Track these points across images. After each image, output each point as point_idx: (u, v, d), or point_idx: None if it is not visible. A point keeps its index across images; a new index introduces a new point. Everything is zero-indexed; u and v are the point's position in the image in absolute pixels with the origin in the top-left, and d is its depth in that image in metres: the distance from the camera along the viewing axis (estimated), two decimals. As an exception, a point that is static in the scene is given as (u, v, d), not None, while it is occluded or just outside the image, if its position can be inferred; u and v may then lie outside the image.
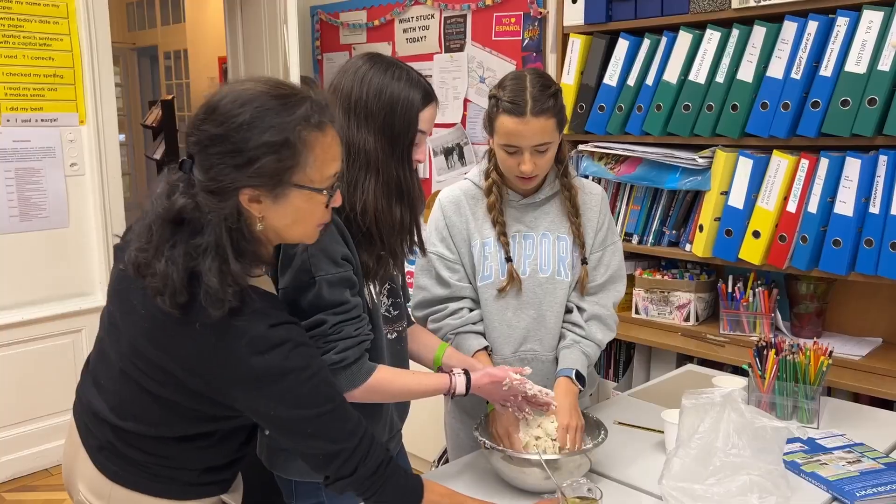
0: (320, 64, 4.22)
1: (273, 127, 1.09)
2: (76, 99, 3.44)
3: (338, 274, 1.33)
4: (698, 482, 1.35)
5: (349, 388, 1.35)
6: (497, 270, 1.71)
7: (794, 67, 2.08)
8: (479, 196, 1.74)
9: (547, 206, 1.74)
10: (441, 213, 1.75)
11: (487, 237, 1.72)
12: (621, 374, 2.64)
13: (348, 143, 1.35)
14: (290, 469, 1.45)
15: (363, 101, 1.36)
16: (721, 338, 2.34)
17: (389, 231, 1.40)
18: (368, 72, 1.37)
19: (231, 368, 1.13)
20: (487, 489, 1.48)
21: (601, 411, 1.84)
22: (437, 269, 1.73)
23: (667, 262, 2.61)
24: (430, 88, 1.41)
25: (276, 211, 1.15)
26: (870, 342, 2.23)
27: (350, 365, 1.34)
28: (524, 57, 3.08)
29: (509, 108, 1.56)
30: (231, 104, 1.10)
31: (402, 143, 1.38)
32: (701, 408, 1.41)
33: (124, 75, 7.88)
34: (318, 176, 1.15)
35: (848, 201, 1.99)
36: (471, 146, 3.33)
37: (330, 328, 1.32)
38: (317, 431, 1.18)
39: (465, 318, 1.71)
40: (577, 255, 1.73)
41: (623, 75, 2.46)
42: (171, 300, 1.10)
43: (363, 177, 1.36)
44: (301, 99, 1.13)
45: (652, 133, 2.38)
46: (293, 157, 1.11)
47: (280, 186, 1.12)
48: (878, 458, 1.55)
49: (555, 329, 1.74)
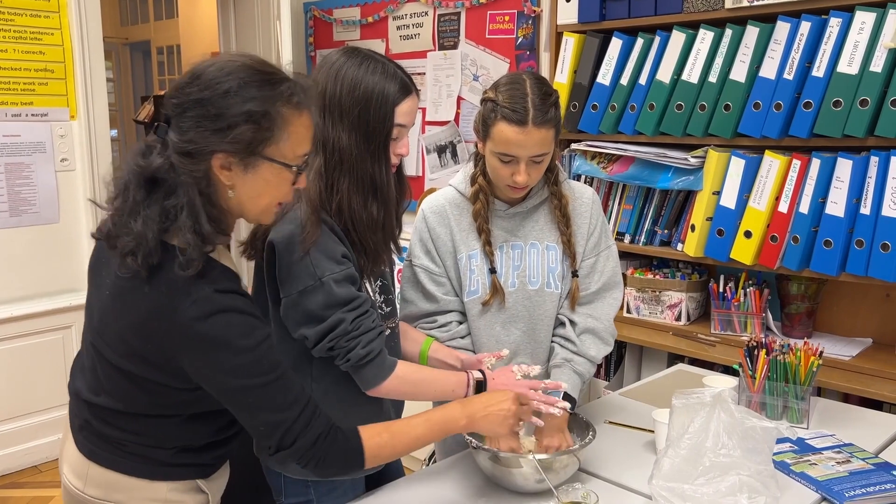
0: (313, 60, 4.20)
1: (255, 98, 1.12)
2: (67, 94, 3.42)
3: (342, 271, 1.34)
4: (688, 482, 1.35)
5: (379, 381, 1.36)
6: (484, 284, 1.65)
7: (786, 68, 2.08)
8: (464, 205, 1.66)
9: (536, 215, 1.67)
10: (425, 225, 1.67)
11: (473, 249, 1.65)
12: (612, 373, 2.64)
13: (324, 142, 1.35)
14: (291, 469, 1.44)
15: (337, 97, 1.35)
16: (712, 337, 2.35)
17: (365, 230, 1.38)
18: (343, 66, 1.36)
19: (178, 331, 1.14)
20: (474, 489, 1.48)
21: (592, 410, 1.84)
22: (423, 283, 1.66)
23: (658, 262, 2.61)
24: (407, 80, 1.39)
25: (244, 181, 1.16)
26: (860, 343, 2.24)
27: (377, 357, 1.35)
28: (518, 55, 3.08)
29: (510, 115, 1.47)
30: (217, 72, 1.13)
31: (378, 138, 1.36)
32: (691, 408, 1.40)
33: (117, 70, 7.84)
34: (291, 153, 1.18)
35: (839, 202, 1.99)
36: (464, 144, 3.33)
37: (350, 324, 1.33)
38: (258, 401, 1.18)
39: (454, 331, 1.66)
40: (567, 265, 1.67)
41: (616, 74, 2.45)
42: (144, 259, 1.12)
43: (338, 176, 1.36)
44: (284, 78, 1.17)
45: (644, 132, 2.38)
46: (270, 130, 1.14)
47: (252, 157, 1.15)
48: (868, 459, 1.55)
49: (545, 342, 1.69)
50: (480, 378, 1.46)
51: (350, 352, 1.33)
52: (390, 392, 1.38)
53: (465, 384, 1.44)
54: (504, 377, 1.49)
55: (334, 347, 1.34)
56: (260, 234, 1.40)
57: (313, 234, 1.32)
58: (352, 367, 1.35)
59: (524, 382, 1.48)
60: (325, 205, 1.35)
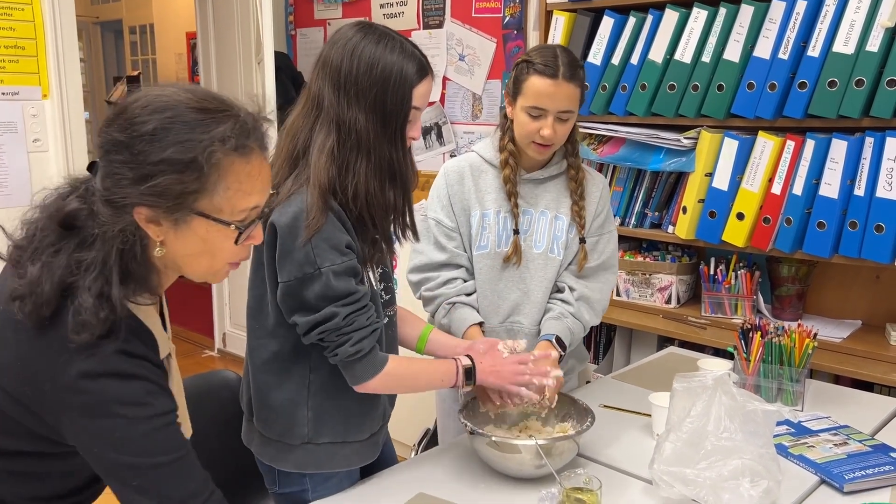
0: (294, 39, 4.12)
1: (181, 143, 0.97)
2: (39, 72, 3.30)
3: (343, 263, 1.28)
4: (689, 466, 1.33)
5: (367, 378, 1.32)
6: (493, 241, 1.73)
7: (781, 47, 2.06)
8: (485, 168, 1.75)
9: (549, 185, 1.75)
10: (444, 182, 1.76)
11: (487, 209, 1.73)
12: (602, 357, 2.62)
13: (339, 122, 1.29)
14: (283, 461, 1.39)
15: (353, 77, 1.28)
16: (703, 320, 2.33)
17: (382, 215, 1.34)
18: (360, 43, 1.29)
19: (63, 385, 0.98)
20: (472, 475, 1.45)
21: (586, 394, 1.82)
22: (436, 235, 1.74)
23: (648, 245, 2.60)
24: (425, 61, 1.33)
25: (177, 238, 1.02)
26: (849, 325, 2.24)
27: (366, 355, 1.31)
28: (505, 35, 3.03)
29: (542, 69, 1.59)
30: (141, 109, 0.98)
31: (395, 121, 1.31)
32: (692, 391, 1.38)
33: (88, 50, 7.64)
34: (228, 207, 1.01)
35: (833, 183, 1.98)
36: (449, 125, 3.28)
37: (343, 320, 1.28)
38: (145, 485, 1.01)
39: (459, 288, 1.73)
40: (572, 235, 1.75)
41: (607, 54, 2.42)
42: (34, 310, 0.97)
43: (354, 159, 1.29)
44: (226, 116, 1.01)
45: (636, 113, 2.35)
46: (199, 181, 0.98)
47: (180, 211, 0.99)
48: (865, 441, 1.54)
49: (540, 304, 1.76)
50: (469, 364, 1.42)
51: (339, 347, 1.29)
52: (378, 388, 1.34)
53: (454, 372, 1.40)
54: (492, 359, 1.45)
55: (324, 339, 1.30)
56: (262, 214, 1.34)
57: (318, 220, 1.26)
58: (340, 362, 1.32)
59: (512, 358, 1.46)
60: (336, 188, 1.29)
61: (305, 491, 1.40)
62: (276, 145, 1.38)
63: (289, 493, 1.41)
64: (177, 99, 1.00)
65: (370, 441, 1.44)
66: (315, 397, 1.37)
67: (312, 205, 1.26)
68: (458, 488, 1.40)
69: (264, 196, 1.07)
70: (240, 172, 1.01)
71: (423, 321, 1.60)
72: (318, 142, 1.30)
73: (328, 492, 1.39)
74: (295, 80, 3.90)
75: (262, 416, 1.40)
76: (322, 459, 1.38)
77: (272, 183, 1.34)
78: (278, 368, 1.37)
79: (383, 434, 1.51)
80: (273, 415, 1.38)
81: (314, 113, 1.32)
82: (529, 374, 1.43)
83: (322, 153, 1.29)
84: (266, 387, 1.38)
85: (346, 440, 1.39)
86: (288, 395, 1.37)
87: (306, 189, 1.28)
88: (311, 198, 1.27)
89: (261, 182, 1.06)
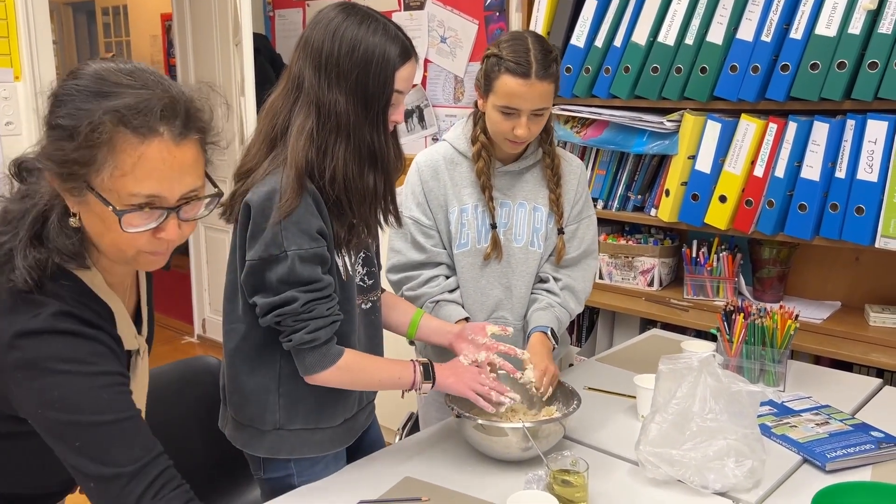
0: (272, 21, 4.06)
1: (74, 110, 0.93)
2: (10, 53, 3.22)
3: (311, 249, 1.26)
4: (675, 447, 1.34)
5: (319, 370, 1.30)
6: (474, 238, 1.69)
7: (764, 30, 2.06)
8: (459, 160, 1.70)
9: (526, 175, 1.72)
10: (418, 178, 1.70)
11: (466, 203, 1.69)
12: (584, 339, 2.63)
13: (319, 104, 1.27)
14: (255, 446, 1.39)
15: (335, 58, 1.26)
16: (685, 302, 2.35)
17: (360, 200, 1.31)
18: (342, 24, 1.27)
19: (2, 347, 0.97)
20: (459, 458, 1.44)
21: (570, 377, 1.82)
22: (413, 234, 1.69)
23: (631, 228, 2.60)
24: (408, 43, 1.31)
25: (83, 212, 0.99)
26: (829, 306, 2.27)
27: (321, 345, 1.29)
28: (487, 16, 3.00)
29: (514, 68, 1.52)
30: (67, 76, 0.97)
31: (377, 104, 1.28)
32: (678, 372, 1.39)
33: (59, 32, 7.48)
34: (116, 189, 0.94)
35: (815, 166, 1.99)
36: (431, 108, 3.25)
37: (301, 306, 1.26)
38: (86, 445, 0.97)
39: (442, 285, 1.70)
40: (551, 226, 1.72)
41: (591, 36, 2.40)
42: None
43: (333, 141, 1.27)
44: (132, 92, 0.94)
45: (619, 96, 2.34)
46: (81, 152, 0.93)
47: (73, 182, 0.95)
48: (846, 420, 1.56)
49: (524, 299, 1.74)
50: (426, 362, 1.40)
51: (294, 332, 1.27)
52: (329, 381, 1.32)
53: (411, 371, 1.38)
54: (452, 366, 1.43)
55: (280, 323, 1.28)
56: (238, 194, 1.32)
57: (292, 202, 1.24)
58: (293, 348, 1.29)
59: (473, 371, 1.42)
60: (314, 171, 1.27)
61: (291, 476, 1.39)
62: (256, 126, 1.36)
63: (274, 478, 1.40)
64: (101, 69, 0.97)
65: (344, 427, 1.42)
66: (286, 383, 1.35)
67: (287, 186, 1.24)
68: (445, 472, 1.40)
69: (170, 188, 0.97)
70: (132, 154, 0.94)
71: (412, 307, 1.59)
72: (298, 123, 1.28)
73: (314, 476, 1.38)
74: (274, 62, 3.85)
75: (234, 400, 1.39)
76: (294, 445, 1.37)
77: (248, 164, 1.32)
78: (250, 353, 1.36)
79: (361, 419, 1.49)
80: (244, 400, 1.37)
81: (294, 94, 1.30)
82: (489, 386, 1.40)
83: (301, 135, 1.27)
84: (238, 372, 1.37)
85: (319, 426, 1.38)
86: (259, 380, 1.36)
87: (283, 170, 1.26)
88: (286, 179, 1.25)
89: (163, 171, 0.95)
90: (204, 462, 1.57)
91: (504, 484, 1.35)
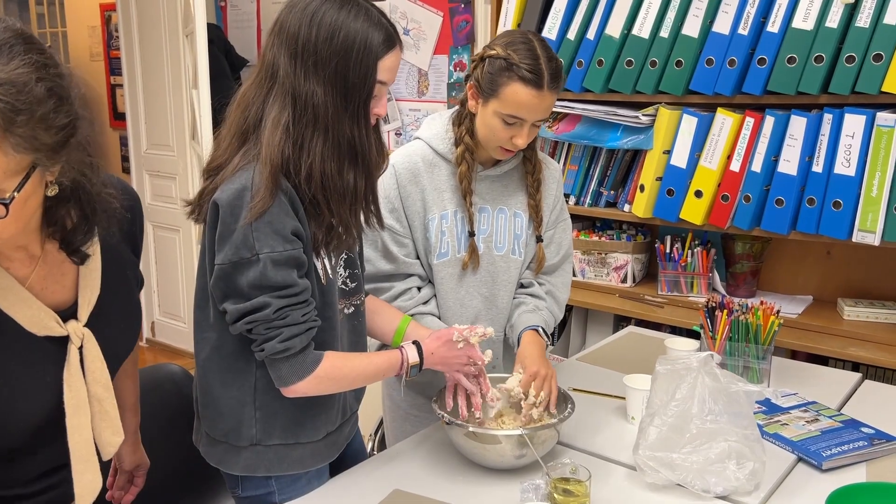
0: (223, 10, 3.91)
1: None
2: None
3: (285, 252, 1.16)
4: (675, 451, 1.29)
5: (295, 380, 1.20)
6: (454, 247, 1.60)
7: (741, 23, 2.04)
8: (437, 162, 1.59)
9: (506, 180, 1.64)
10: (395, 181, 1.57)
11: (446, 209, 1.58)
12: (557, 338, 2.59)
13: (294, 95, 1.17)
14: (231, 464, 1.29)
15: (312, 45, 1.16)
16: (659, 298, 2.33)
17: (339, 199, 1.21)
18: (320, 7, 1.17)
19: None
20: (449, 467, 1.38)
21: (554, 378, 1.77)
22: (385, 242, 1.57)
23: (602, 224, 2.57)
24: (392, 30, 1.22)
25: None
26: (802, 300, 2.27)
27: (296, 354, 1.19)
28: (452, 8, 2.93)
29: (528, 77, 1.42)
30: None
31: (358, 96, 1.19)
32: (676, 373, 1.35)
33: (-9, 21, 7.12)
34: None
35: (792, 160, 1.99)
36: (394, 102, 3.17)
37: (274, 313, 1.16)
38: None
39: (416, 298, 1.60)
40: (530, 232, 1.66)
41: (563, 28, 2.35)
42: None
43: (310, 136, 1.18)
44: None
45: (593, 90, 2.30)
46: None
47: None
48: (834, 416, 1.55)
49: (505, 309, 1.67)
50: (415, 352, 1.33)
51: (267, 341, 1.17)
52: (308, 392, 1.23)
53: (398, 357, 1.31)
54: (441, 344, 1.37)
55: (252, 331, 1.18)
56: (207, 192, 1.22)
57: (265, 201, 1.14)
58: (266, 357, 1.20)
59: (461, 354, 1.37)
60: (289, 168, 1.18)
61: (271, 493, 1.29)
62: (226, 118, 1.26)
63: (253, 496, 1.30)
64: None
65: (326, 441, 1.33)
66: (262, 395, 1.26)
67: (261, 184, 1.14)
68: (436, 482, 1.33)
69: None
70: None
71: (399, 313, 1.50)
72: (272, 116, 1.18)
73: (297, 493, 1.29)
74: (228, 53, 3.70)
75: (207, 414, 1.29)
76: (272, 462, 1.28)
77: (218, 160, 1.22)
78: (222, 364, 1.25)
79: (346, 431, 1.40)
80: (218, 414, 1.27)
81: (268, 84, 1.20)
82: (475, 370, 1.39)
83: (276, 128, 1.17)
84: (211, 384, 1.27)
85: (299, 441, 1.29)
86: (234, 392, 1.26)
87: (255, 166, 1.16)
88: (259, 176, 1.15)
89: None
90: (173, 477, 1.46)
91: (499, 494, 1.29)
